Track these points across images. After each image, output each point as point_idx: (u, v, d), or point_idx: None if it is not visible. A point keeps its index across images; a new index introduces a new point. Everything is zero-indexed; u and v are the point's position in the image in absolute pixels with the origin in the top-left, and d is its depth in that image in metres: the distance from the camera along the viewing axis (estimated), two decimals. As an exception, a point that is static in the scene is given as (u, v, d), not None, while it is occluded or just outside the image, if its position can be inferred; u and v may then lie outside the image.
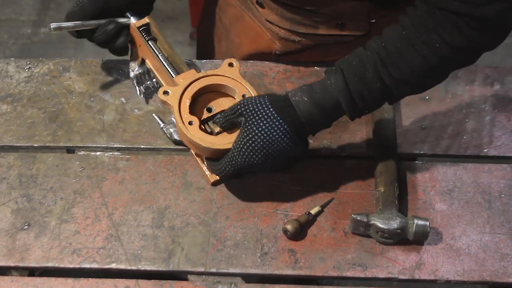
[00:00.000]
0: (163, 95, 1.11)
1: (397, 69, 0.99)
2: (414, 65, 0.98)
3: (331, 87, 1.02)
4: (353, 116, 1.04)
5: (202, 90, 1.13)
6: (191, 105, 1.11)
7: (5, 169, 1.19)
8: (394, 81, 1.00)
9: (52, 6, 2.95)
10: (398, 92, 1.03)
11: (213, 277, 1.08)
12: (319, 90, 1.02)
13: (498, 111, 1.26)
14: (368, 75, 1.00)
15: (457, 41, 0.95)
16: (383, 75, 1.00)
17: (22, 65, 1.33)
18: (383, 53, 0.99)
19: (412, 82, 1.01)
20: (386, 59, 0.99)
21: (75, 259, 1.08)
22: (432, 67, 0.99)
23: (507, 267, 1.07)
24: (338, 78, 1.01)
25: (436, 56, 0.97)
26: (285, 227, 1.09)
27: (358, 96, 1.01)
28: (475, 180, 1.17)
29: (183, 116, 1.09)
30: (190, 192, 1.16)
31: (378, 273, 1.07)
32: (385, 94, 1.02)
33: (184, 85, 1.13)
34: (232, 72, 1.14)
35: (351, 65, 1.01)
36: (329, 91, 1.02)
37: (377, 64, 0.99)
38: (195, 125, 1.09)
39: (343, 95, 1.01)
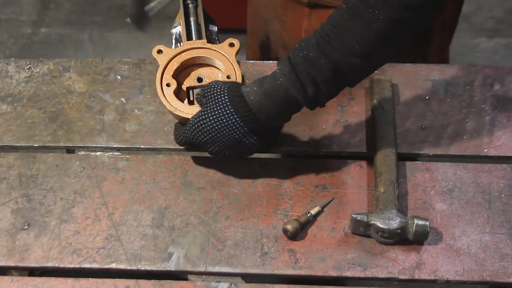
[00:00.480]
0: (156, 53, 1.17)
1: (341, 41, 0.94)
2: (357, 34, 0.93)
3: (279, 74, 1.00)
4: (309, 104, 1.01)
5: (195, 61, 1.18)
6: (184, 71, 1.17)
7: (5, 169, 1.19)
8: (339, 54, 0.95)
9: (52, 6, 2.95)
10: (349, 70, 0.97)
11: (213, 277, 1.08)
12: (269, 79, 1.02)
13: (498, 111, 1.26)
14: (312, 54, 0.97)
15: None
16: (326, 51, 0.95)
17: (22, 65, 1.33)
18: (324, 29, 0.97)
19: (361, 54, 0.95)
20: (328, 35, 0.96)
21: (75, 259, 1.08)
22: (378, 32, 0.93)
23: (507, 267, 1.07)
24: (284, 63, 1.00)
25: (378, 18, 0.91)
26: (285, 227, 1.09)
27: (306, 78, 0.98)
28: (475, 180, 1.17)
29: (164, 76, 1.15)
30: (190, 192, 1.16)
31: (378, 273, 1.07)
32: (336, 73, 0.97)
33: (180, 50, 1.17)
34: (229, 51, 1.17)
35: (295, 48, 1.00)
36: (277, 78, 1.00)
37: (319, 42, 0.96)
38: (171, 88, 1.14)
39: (291, 79, 0.98)
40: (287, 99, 1.01)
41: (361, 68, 0.99)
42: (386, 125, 1.19)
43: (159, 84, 1.13)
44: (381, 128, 1.19)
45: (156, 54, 1.17)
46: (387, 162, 1.14)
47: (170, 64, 1.16)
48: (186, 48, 1.18)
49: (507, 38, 2.75)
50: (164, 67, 1.15)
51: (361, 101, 1.26)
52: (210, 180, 1.17)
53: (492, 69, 1.32)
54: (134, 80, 1.30)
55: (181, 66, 1.17)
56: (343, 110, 1.25)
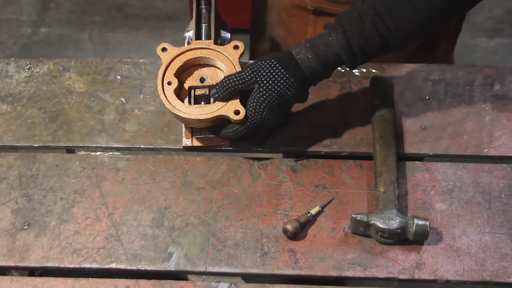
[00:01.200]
0: (160, 50, 1.17)
1: (394, 23, 1.04)
2: (410, 19, 1.04)
3: (333, 43, 1.08)
4: (352, 67, 1.11)
5: (199, 61, 1.17)
6: (187, 71, 1.17)
7: (5, 169, 1.19)
8: (392, 34, 1.05)
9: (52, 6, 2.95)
10: (395, 44, 1.08)
11: (213, 277, 1.08)
12: (322, 47, 1.09)
13: (498, 111, 1.26)
14: (367, 30, 1.05)
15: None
16: (381, 30, 1.05)
17: (22, 65, 1.33)
18: (380, 7, 1.04)
19: (408, 34, 1.07)
20: (383, 14, 1.04)
21: (75, 259, 1.08)
22: (427, 19, 1.04)
23: (507, 267, 1.07)
24: (339, 34, 1.07)
25: (430, 8, 1.02)
26: (285, 227, 1.09)
27: (359, 50, 1.07)
28: (475, 180, 1.17)
29: (166, 74, 1.14)
30: (190, 192, 1.16)
31: (378, 273, 1.07)
32: (383, 46, 1.08)
33: (184, 49, 1.17)
34: (233, 53, 1.17)
35: (351, 21, 1.07)
36: (332, 47, 1.08)
37: (375, 19, 1.05)
38: (172, 86, 1.13)
39: (345, 50, 1.07)
40: (338, 64, 1.11)
41: (405, 43, 1.11)
42: (386, 125, 1.19)
43: (160, 82, 1.13)
44: (381, 128, 1.19)
45: (160, 52, 1.17)
46: (387, 162, 1.14)
47: (173, 63, 1.15)
48: (190, 48, 1.17)
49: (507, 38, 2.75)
50: (167, 65, 1.15)
51: (361, 101, 1.26)
52: (210, 180, 1.17)
53: (492, 69, 1.32)
54: (134, 80, 1.30)
55: (184, 65, 1.16)
56: (343, 110, 1.25)
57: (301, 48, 1.10)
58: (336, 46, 1.08)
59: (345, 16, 1.08)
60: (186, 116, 1.11)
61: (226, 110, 1.10)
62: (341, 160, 1.20)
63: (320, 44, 1.09)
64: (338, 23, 1.08)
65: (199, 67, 1.18)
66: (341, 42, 1.07)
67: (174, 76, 1.14)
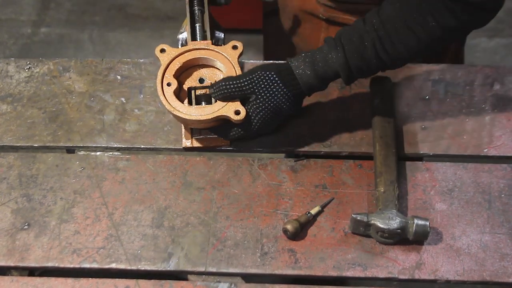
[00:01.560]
0: (159, 51, 1.17)
1: (393, 48, 1.06)
2: (409, 45, 1.06)
3: (332, 61, 1.09)
4: (348, 84, 1.13)
5: (198, 61, 1.17)
6: (186, 72, 1.17)
7: (5, 169, 1.19)
8: (390, 58, 1.08)
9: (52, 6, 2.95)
10: (392, 66, 1.12)
11: (213, 277, 1.08)
12: (321, 64, 1.10)
13: (498, 111, 1.25)
14: (367, 52, 1.07)
15: (450, 23, 1.02)
16: (380, 53, 1.07)
17: (22, 65, 1.33)
18: (381, 31, 1.06)
19: (406, 58, 1.10)
20: (384, 38, 1.06)
21: (75, 259, 1.08)
22: (425, 46, 1.07)
23: (507, 267, 1.07)
24: (339, 54, 1.09)
25: (429, 36, 1.05)
26: (285, 227, 1.09)
27: (357, 70, 1.10)
28: (475, 180, 1.17)
29: (166, 76, 1.14)
30: (190, 192, 1.16)
31: (378, 273, 1.07)
32: (381, 67, 1.11)
33: (183, 50, 1.17)
34: (232, 53, 1.17)
35: (352, 41, 1.08)
36: (330, 65, 1.10)
37: (375, 42, 1.06)
38: (172, 87, 1.13)
39: (344, 69, 1.09)
40: (334, 79, 1.13)
41: (400, 66, 1.14)
42: (386, 125, 1.19)
43: (160, 83, 1.13)
44: (381, 128, 1.19)
45: (159, 53, 1.17)
46: (387, 162, 1.14)
47: (172, 64, 1.15)
48: (189, 48, 1.17)
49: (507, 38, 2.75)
50: (166, 66, 1.15)
51: (361, 101, 1.26)
52: (210, 180, 1.17)
53: (492, 69, 1.32)
54: (134, 80, 1.30)
55: (183, 66, 1.16)
56: (343, 110, 1.25)
57: (300, 62, 1.11)
58: (335, 65, 1.09)
59: (346, 35, 1.09)
60: (187, 117, 1.11)
61: (227, 111, 1.10)
62: (341, 160, 1.20)
63: (319, 61, 1.10)
64: (339, 41, 1.09)
65: (198, 67, 1.18)
66: (340, 61, 1.08)
67: (174, 77, 1.14)
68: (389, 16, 1.06)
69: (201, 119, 1.11)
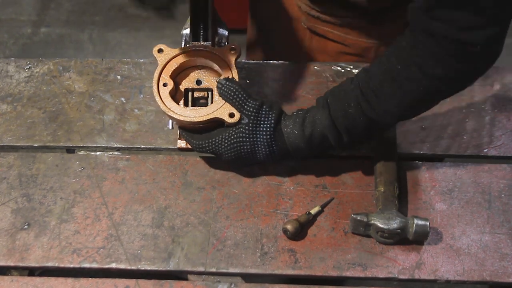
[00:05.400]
0: (157, 52, 1.16)
1: (379, 103, 1.00)
2: (397, 98, 0.99)
3: (319, 123, 1.06)
4: (339, 147, 1.08)
5: (195, 62, 1.17)
6: (183, 72, 1.16)
7: (5, 169, 1.19)
8: (377, 114, 1.02)
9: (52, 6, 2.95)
10: (384, 123, 1.05)
11: (213, 277, 1.08)
12: (309, 125, 1.07)
13: (498, 111, 1.26)
14: (351, 111, 1.03)
15: (437, 72, 0.94)
16: (365, 110, 1.02)
17: (22, 65, 1.33)
18: (365, 87, 1.01)
19: (397, 113, 1.02)
20: (367, 94, 1.01)
21: (75, 259, 1.08)
22: (416, 99, 0.99)
23: (507, 267, 1.07)
24: (324, 114, 1.05)
25: (417, 88, 0.97)
26: (285, 227, 1.09)
27: (344, 130, 1.05)
28: (475, 180, 1.17)
29: (162, 76, 1.14)
30: (190, 192, 1.16)
31: (378, 273, 1.07)
32: (370, 126, 1.04)
33: (181, 50, 1.16)
34: (230, 56, 1.16)
35: (337, 100, 1.05)
36: (317, 127, 1.06)
37: (359, 99, 1.02)
38: (168, 88, 1.13)
39: (330, 131, 1.06)
40: (323, 143, 1.08)
41: (396, 122, 1.10)
42: (386, 125, 1.19)
43: (156, 84, 1.13)
44: (381, 128, 1.19)
45: (156, 53, 1.16)
46: (387, 162, 1.14)
47: (169, 64, 1.15)
48: (187, 49, 1.17)
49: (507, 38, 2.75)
50: (163, 67, 1.15)
51: (361, 101, 1.26)
52: (210, 180, 1.17)
53: (492, 69, 1.31)
54: (134, 80, 1.30)
55: (180, 67, 1.16)
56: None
57: (290, 121, 1.09)
58: (320, 126, 1.06)
59: (333, 94, 1.06)
60: (181, 118, 1.11)
61: (221, 113, 1.10)
62: (341, 160, 1.20)
63: (308, 122, 1.07)
64: (325, 101, 1.06)
65: (195, 68, 1.17)
66: (326, 122, 1.05)
67: (170, 77, 1.13)
68: (375, 72, 1.01)
69: (195, 121, 1.10)
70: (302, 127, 1.07)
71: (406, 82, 0.97)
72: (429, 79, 0.95)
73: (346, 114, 1.03)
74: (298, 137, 1.07)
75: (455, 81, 0.98)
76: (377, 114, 1.01)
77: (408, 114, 1.05)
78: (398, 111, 1.01)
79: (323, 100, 1.07)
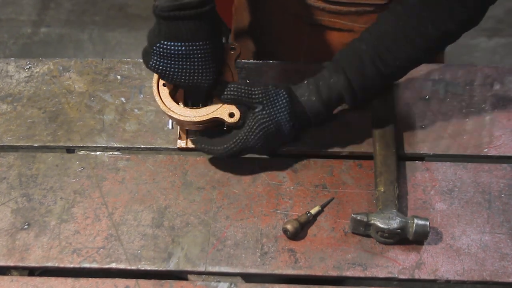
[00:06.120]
0: None
1: (394, 60, 1.06)
2: (409, 54, 1.06)
3: (335, 85, 1.10)
4: (354, 106, 1.12)
5: None
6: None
7: (5, 169, 1.19)
8: (392, 69, 1.08)
9: (52, 6, 2.95)
10: (394, 78, 1.14)
11: (213, 277, 1.08)
12: (325, 89, 1.10)
13: (498, 111, 1.26)
14: (367, 70, 1.07)
15: (450, 27, 1.02)
16: (381, 68, 1.07)
17: (22, 65, 1.33)
18: (379, 46, 1.06)
19: (408, 67, 1.10)
20: (383, 52, 1.06)
21: (75, 259, 1.08)
22: (425, 52, 1.07)
23: (507, 267, 1.07)
24: (340, 77, 1.09)
25: (428, 42, 1.05)
26: (285, 227, 1.09)
27: (360, 89, 1.09)
28: (475, 180, 1.17)
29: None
30: (190, 192, 1.16)
31: (378, 273, 1.07)
32: (384, 82, 1.11)
33: None
34: (229, 55, 1.16)
35: (351, 63, 1.08)
36: (334, 89, 1.10)
37: (375, 59, 1.06)
38: (167, 88, 1.13)
39: (348, 91, 1.09)
40: (338, 103, 1.13)
41: (403, 75, 1.14)
42: (386, 125, 1.19)
43: (156, 84, 1.13)
44: (381, 128, 1.19)
45: None
46: (387, 162, 1.14)
47: None
48: None
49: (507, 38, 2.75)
50: None
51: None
52: (210, 180, 1.17)
53: (492, 69, 1.32)
54: (134, 80, 1.30)
55: None
56: (343, 110, 1.25)
57: (303, 90, 1.12)
58: (337, 89, 1.10)
59: (345, 58, 1.09)
60: (181, 118, 1.11)
61: (221, 113, 1.10)
62: (341, 160, 1.20)
63: (322, 87, 1.10)
64: (338, 65, 1.09)
65: None
66: (343, 83, 1.09)
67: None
68: (386, 29, 1.06)
69: (195, 121, 1.10)
70: (318, 93, 1.10)
71: (418, 38, 1.04)
72: (441, 32, 1.03)
73: (362, 74, 1.08)
74: (316, 102, 1.11)
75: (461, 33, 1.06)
76: (391, 70, 1.08)
77: (415, 66, 1.12)
78: (410, 65, 1.10)
79: (334, 65, 1.10)
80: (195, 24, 1.02)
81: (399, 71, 1.11)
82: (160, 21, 1.02)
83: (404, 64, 1.08)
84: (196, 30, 1.03)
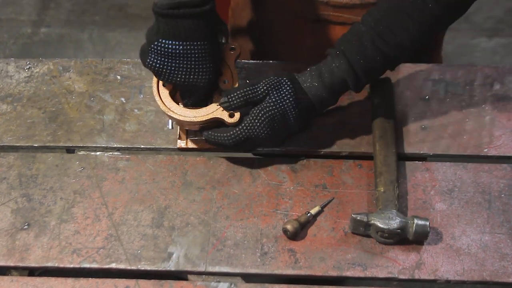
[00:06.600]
0: None
1: (395, 39, 1.05)
2: (411, 32, 1.04)
3: (337, 70, 1.09)
4: (358, 90, 1.12)
5: None
6: None
7: (5, 169, 1.19)
8: (394, 49, 1.06)
9: (52, 6, 2.95)
10: (397, 58, 1.10)
11: (213, 277, 1.08)
12: (327, 75, 1.10)
13: (498, 111, 1.26)
14: (369, 52, 1.06)
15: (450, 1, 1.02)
16: (382, 48, 1.06)
17: (22, 65, 1.33)
18: (379, 26, 1.05)
19: (410, 46, 1.07)
20: (383, 32, 1.05)
21: (75, 259, 1.08)
22: (427, 29, 1.05)
23: (507, 267, 1.07)
24: (342, 60, 1.09)
25: (430, 18, 1.03)
26: (285, 227, 1.09)
27: (363, 72, 1.08)
28: (475, 180, 1.17)
29: None
30: (190, 192, 1.16)
31: (378, 273, 1.07)
32: (386, 63, 1.10)
33: None
34: (229, 55, 1.16)
35: (351, 45, 1.08)
36: (336, 73, 1.09)
37: (375, 39, 1.06)
38: (167, 88, 1.13)
39: (350, 75, 1.09)
40: (344, 89, 1.12)
41: (407, 56, 1.11)
42: (386, 125, 1.19)
43: (156, 84, 1.13)
44: (381, 128, 1.19)
45: None
46: (387, 162, 1.14)
47: None
48: None
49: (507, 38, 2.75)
50: None
51: (361, 101, 1.26)
52: (210, 180, 1.17)
53: (492, 69, 1.32)
54: (134, 80, 1.30)
55: None
56: (343, 110, 1.25)
57: (306, 76, 1.11)
58: (340, 72, 1.09)
59: (345, 41, 1.09)
60: (181, 119, 1.11)
61: (221, 113, 1.10)
62: (341, 160, 1.20)
63: (325, 71, 1.10)
64: (339, 49, 1.09)
65: None
66: (345, 67, 1.08)
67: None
68: (386, 10, 1.05)
69: (195, 121, 1.10)
70: (320, 78, 1.10)
71: (419, 14, 1.03)
72: (441, 7, 1.02)
73: (363, 56, 1.07)
74: (319, 88, 1.10)
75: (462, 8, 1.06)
76: (392, 49, 1.06)
77: (418, 45, 1.09)
78: (411, 44, 1.06)
79: (336, 50, 1.10)
80: (194, 23, 1.02)
81: (401, 52, 1.07)
82: (159, 19, 1.02)
83: (405, 43, 1.05)
84: (195, 29, 1.03)
